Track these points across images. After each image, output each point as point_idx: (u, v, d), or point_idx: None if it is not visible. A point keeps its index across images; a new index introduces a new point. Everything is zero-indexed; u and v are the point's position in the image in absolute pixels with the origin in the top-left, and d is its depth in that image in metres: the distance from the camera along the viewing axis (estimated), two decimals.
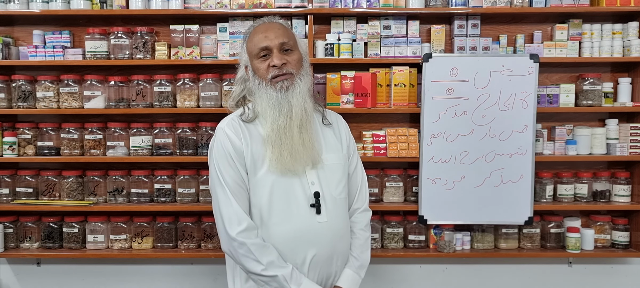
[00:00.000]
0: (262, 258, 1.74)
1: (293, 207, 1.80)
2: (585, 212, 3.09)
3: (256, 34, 1.85)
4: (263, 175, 1.80)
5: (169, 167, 2.99)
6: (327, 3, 2.87)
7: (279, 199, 1.80)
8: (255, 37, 1.84)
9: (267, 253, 1.75)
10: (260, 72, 1.82)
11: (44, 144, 2.92)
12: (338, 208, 1.88)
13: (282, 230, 1.79)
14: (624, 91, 2.96)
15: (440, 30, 2.92)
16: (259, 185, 1.80)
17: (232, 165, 1.80)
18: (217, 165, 1.80)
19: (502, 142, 2.83)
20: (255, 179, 1.81)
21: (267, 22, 1.87)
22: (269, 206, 1.79)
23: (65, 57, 2.88)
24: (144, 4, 2.87)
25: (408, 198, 2.99)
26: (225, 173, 1.79)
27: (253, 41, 1.85)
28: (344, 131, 2.02)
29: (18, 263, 3.13)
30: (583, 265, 3.14)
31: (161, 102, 2.89)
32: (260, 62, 1.82)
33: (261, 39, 1.82)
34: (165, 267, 3.14)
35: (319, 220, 1.81)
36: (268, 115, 1.81)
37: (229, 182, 1.78)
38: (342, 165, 1.93)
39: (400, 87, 2.87)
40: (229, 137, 1.81)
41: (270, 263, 1.74)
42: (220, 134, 1.84)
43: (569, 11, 2.88)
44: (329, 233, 1.83)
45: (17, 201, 2.95)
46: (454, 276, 3.14)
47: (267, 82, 1.81)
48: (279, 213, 1.79)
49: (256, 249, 1.74)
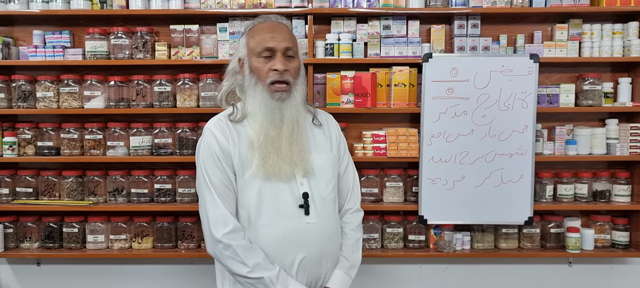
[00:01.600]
0: (248, 261, 1.72)
1: (281, 207, 1.77)
2: (585, 212, 3.09)
3: (262, 31, 1.79)
4: (251, 176, 1.77)
5: (169, 167, 2.99)
6: (327, 3, 2.87)
7: (267, 200, 1.77)
8: (261, 34, 1.79)
9: (254, 256, 1.73)
10: (259, 72, 1.78)
11: (44, 144, 2.92)
12: (327, 209, 1.85)
13: (271, 232, 1.77)
14: (624, 91, 2.96)
15: (440, 30, 2.92)
16: (246, 186, 1.78)
17: (219, 166, 1.77)
18: (204, 166, 1.78)
19: (502, 142, 2.83)
20: (243, 180, 1.78)
21: (275, 22, 1.83)
22: (257, 207, 1.77)
23: (65, 57, 2.88)
24: (144, 4, 2.87)
25: (408, 198, 2.99)
26: (212, 175, 1.76)
27: (257, 38, 1.79)
28: (335, 131, 1.98)
29: (18, 263, 3.13)
30: (583, 265, 3.14)
31: (161, 102, 2.89)
32: (262, 62, 1.78)
33: (267, 38, 1.77)
34: (165, 267, 3.14)
35: (307, 221, 1.79)
36: (257, 119, 1.78)
37: (216, 183, 1.76)
38: (332, 165, 1.90)
39: (400, 87, 2.87)
40: (216, 137, 1.78)
41: (257, 265, 1.72)
42: (208, 135, 1.81)
43: (569, 11, 2.88)
44: (318, 235, 1.81)
45: (17, 201, 2.95)
46: (454, 276, 3.14)
47: (264, 85, 1.77)
48: (267, 215, 1.77)
49: (242, 251, 1.72)
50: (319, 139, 1.91)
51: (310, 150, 1.86)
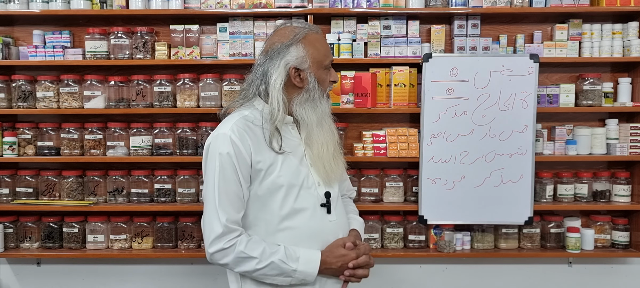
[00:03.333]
0: (253, 252, 1.69)
1: (307, 208, 1.77)
2: (585, 212, 3.09)
3: (323, 43, 1.80)
4: (274, 179, 1.73)
5: (169, 167, 2.99)
6: (327, 3, 2.87)
7: (290, 203, 1.75)
8: (323, 47, 1.79)
9: (255, 246, 1.70)
10: (324, 84, 1.81)
11: (44, 144, 2.92)
12: (341, 206, 1.90)
13: (297, 234, 1.76)
14: (624, 91, 2.96)
15: (440, 30, 2.92)
16: (270, 191, 1.74)
17: (232, 180, 1.70)
18: (215, 177, 1.69)
19: (502, 142, 2.83)
20: (267, 184, 1.73)
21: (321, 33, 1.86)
22: (280, 210, 1.74)
23: (65, 57, 2.88)
24: (144, 4, 2.87)
25: (408, 198, 2.99)
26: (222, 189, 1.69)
27: (321, 50, 1.77)
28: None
29: (18, 263, 3.13)
30: (583, 265, 3.14)
31: (161, 102, 2.89)
32: (326, 73, 1.81)
33: (329, 51, 1.83)
34: (165, 267, 3.14)
35: (330, 219, 1.81)
36: (314, 131, 1.79)
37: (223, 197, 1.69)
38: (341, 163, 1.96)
39: (400, 87, 2.87)
40: (235, 146, 1.69)
41: (262, 253, 1.69)
42: (225, 143, 1.69)
43: (569, 11, 2.88)
44: (339, 232, 1.84)
45: (17, 201, 2.95)
46: (454, 276, 3.14)
47: (322, 96, 1.80)
48: (293, 217, 1.76)
49: (245, 247, 1.69)
50: None
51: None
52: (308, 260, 1.72)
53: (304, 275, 1.72)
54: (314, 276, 1.72)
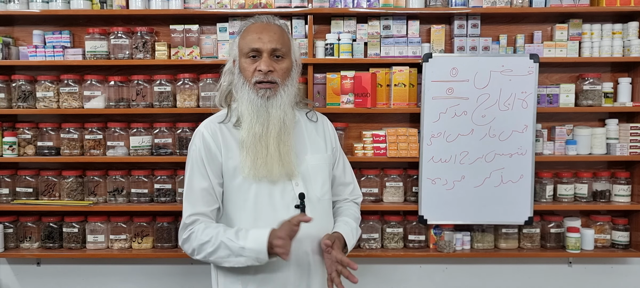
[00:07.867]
0: (206, 237, 1.73)
1: (278, 210, 1.79)
2: (585, 212, 3.09)
3: (250, 32, 1.82)
4: (243, 179, 1.79)
5: (169, 167, 2.99)
6: (327, 3, 2.87)
7: (263, 204, 1.79)
8: (249, 35, 1.82)
9: (210, 231, 1.74)
10: (246, 72, 1.81)
11: (44, 144, 2.92)
12: (323, 208, 1.88)
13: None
14: (624, 91, 2.96)
15: (440, 30, 2.92)
16: (240, 191, 1.80)
17: (202, 173, 1.80)
18: (190, 169, 1.82)
19: (502, 142, 2.83)
20: (235, 185, 1.80)
21: (265, 23, 1.85)
22: (254, 210, 1.78)
23: (65, 57, 2.88)
24: (144, 4, 2.87)
25: (408, 198, 2.99)
26: (195, 180, 1.80)
27: (246, 39, 1.82)
28: (330, 132, 2.02)
29: (18, 263, 3.13)
30: (583, 265, 3.14)
31: (161, 102, 2.89)
32: (249, 62, 1.81)
33: (254, 39, 1.80)
34: (165, 267, 3.14)
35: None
36: (245, 119, 1.80)
37: (195, 190, 1.80)
38: (327, 165, 1.93)
39: (400, 87, 2.88)
40: (205, 141, 1.82)
41: (215, 236, 1.73)
42: (198, 138, 1.84)
43: (569, 11, 2.88)
44: (314, 231, 1.82)
45: (17, 201, 2.95)
46: (454, 276, 3.15)
47: (250, 85, 1.80)
48: (265, 218, 1.78)
49: (201, 234, 1.74)
50: (314, 138, 1.94)
51: (305, 150, 1.89)
52: (256, 237, 1.70)
53: (254, 253, 1.69)
54: (264, 252, 1.68)
